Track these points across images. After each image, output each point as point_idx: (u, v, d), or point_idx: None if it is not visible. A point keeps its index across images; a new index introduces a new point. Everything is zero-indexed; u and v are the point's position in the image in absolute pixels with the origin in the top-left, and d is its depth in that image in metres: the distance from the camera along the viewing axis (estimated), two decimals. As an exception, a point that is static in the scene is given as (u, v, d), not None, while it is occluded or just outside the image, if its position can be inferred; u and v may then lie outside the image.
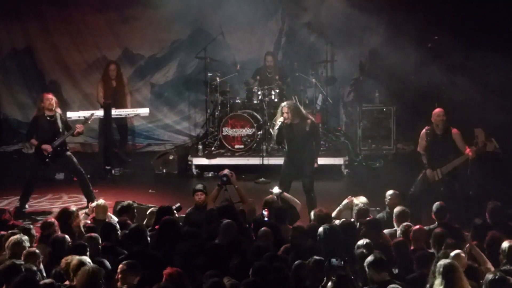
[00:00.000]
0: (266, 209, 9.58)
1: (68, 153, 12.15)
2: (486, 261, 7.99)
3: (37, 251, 7.81)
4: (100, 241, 8.24)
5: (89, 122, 12.64)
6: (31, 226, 8.79)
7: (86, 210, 10.18)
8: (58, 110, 12.13)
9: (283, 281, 7.16)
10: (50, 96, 12.05)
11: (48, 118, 11.96)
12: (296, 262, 7.44)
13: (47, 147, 11.82)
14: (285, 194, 10.48)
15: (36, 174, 12.23)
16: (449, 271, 7.01)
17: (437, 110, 10.94)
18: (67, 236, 8.24)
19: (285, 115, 11.08)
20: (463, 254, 7.61)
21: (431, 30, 14.92)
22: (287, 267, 7.41)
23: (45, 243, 8.38)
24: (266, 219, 9.37)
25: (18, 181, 13.82)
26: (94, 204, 10.05)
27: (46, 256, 8.03)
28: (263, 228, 8.62)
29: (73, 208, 9.45)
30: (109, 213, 10.03)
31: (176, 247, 8.14)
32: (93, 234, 8.32)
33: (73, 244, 8.05)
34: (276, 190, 10.43)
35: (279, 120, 11.13)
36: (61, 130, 11.94)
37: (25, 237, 8.10)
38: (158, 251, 8.19)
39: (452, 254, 7.60)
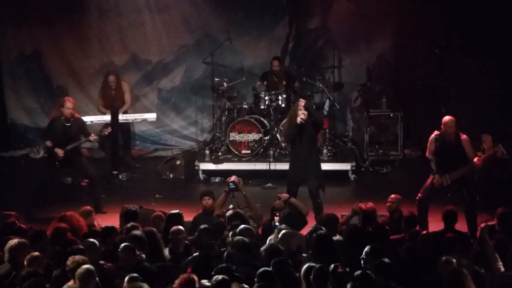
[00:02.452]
0: (277, 215, 9.53)
1: (81, 158, 12.19)
2: (498, 260, 7.95)
3: (40, 254, 7.82)
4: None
5: (104, 134, 12.62)
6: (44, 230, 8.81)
7: None
8: (77, 116, 12.18)
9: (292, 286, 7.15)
10: (70, 103, 12.05)
11: (64, 122, 12.01)
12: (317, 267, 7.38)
13: (59, 151, 11.85)
14: (293, 199, 10.45)
15: (47, 177, 12.26)
16: (456, 278, 6.99)
17: (447, 119, 10.82)
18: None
19: (303, 115, 10.96)
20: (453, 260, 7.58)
21: (438, 35, 14.91)
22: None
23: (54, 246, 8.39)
24: (277, 224, 9.31)
25: (25, 185, 13.91)
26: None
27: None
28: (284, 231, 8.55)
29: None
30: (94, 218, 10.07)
31: None
32: (91, 240, 8.35)
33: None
34: (284, 195, 10.42)
35: (300, 117, 10.94)
36: (76, 136, 11.98)
37: (24, 241, 8.09)
38: None
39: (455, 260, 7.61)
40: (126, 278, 7.17)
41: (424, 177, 11.24)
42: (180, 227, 8.87)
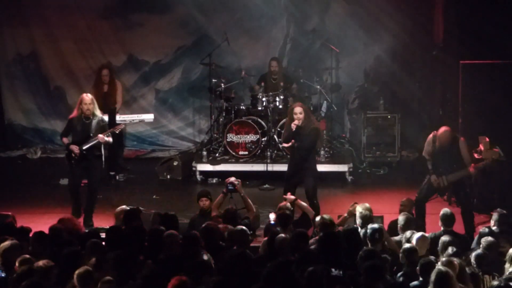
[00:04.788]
0: (273, 213, 9.53)
1: (97, 163, 11.67)
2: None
3: (31, 257, 7.82)
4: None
5: (117, 132, 12.32)
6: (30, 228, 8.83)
7: None
8: (98, 113, 11.75)
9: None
10: (87, 98, 11.60)
11: (84, 120, 11.59)
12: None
13: (74, 148, 11.49)
14: (299, 201, 10.45)
15: (73, 179, 11.81)
16: (441, 279, 6.99)
17: (442, 131, 10.80)
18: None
19: (298, 118, 11.00)
20: (455, 262, 7.58)
21: (436, 37, 14.91)
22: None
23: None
24: (272, 222, 9.31)
25: (22, 186, 13.91)
26: None
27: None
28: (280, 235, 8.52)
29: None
30: None
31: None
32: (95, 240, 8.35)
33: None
34: (290, 197, 10.42)
35: (294, 123, 11.00)
36: (92, 135, 11.54)
37: (16, 242, 8.06)
38: None
39: (444, 261, 7.60)
40: None
41: (421, 178, 11.26)
42: (174, 231, 8.67)
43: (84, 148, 11.51)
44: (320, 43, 16.00)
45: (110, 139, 11.68)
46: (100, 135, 11.50)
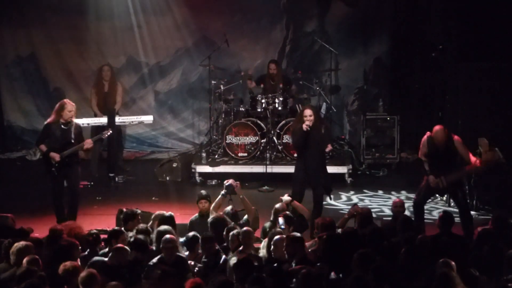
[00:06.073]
0: (281, 216, 9.49)
1: (77, 167, 11.50)
2: None
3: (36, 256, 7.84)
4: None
5: (104, 137, 12.27)
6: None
7: None
8: (74, 120, 11.51)
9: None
10: (70, 106, 11.38)
11: (62, 126, 11.34)
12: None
13: (55, 156, 11.22)
14: (295, 202, 10.44)
15: (55, 187, 11.51)
16: (444, 281, 7.01)
17: (437, 129, 10.75)
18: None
19: (309, 120, 10.96)
20: (452, 263, 7.60)
21: (435, 38, 14.92)
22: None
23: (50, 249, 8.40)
24: (282, 227, 9.26)
25: (21, 187, 13.90)
26: None
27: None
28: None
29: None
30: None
31: None
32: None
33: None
34: (286, 198, 10.41)
35: (306, 124, 10.92)
36: (73, 141, 11.29)
37: (30, 243, 8.10)
38: None
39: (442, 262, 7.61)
40: None
41: (420, 180, 11.25)
42: (173, 236, 8.61)
43: (65, 153, 11.26)
44: (320, 44, 16.01)
45: (92, 145, 11.63)
46: (88, 140, 11.45)
